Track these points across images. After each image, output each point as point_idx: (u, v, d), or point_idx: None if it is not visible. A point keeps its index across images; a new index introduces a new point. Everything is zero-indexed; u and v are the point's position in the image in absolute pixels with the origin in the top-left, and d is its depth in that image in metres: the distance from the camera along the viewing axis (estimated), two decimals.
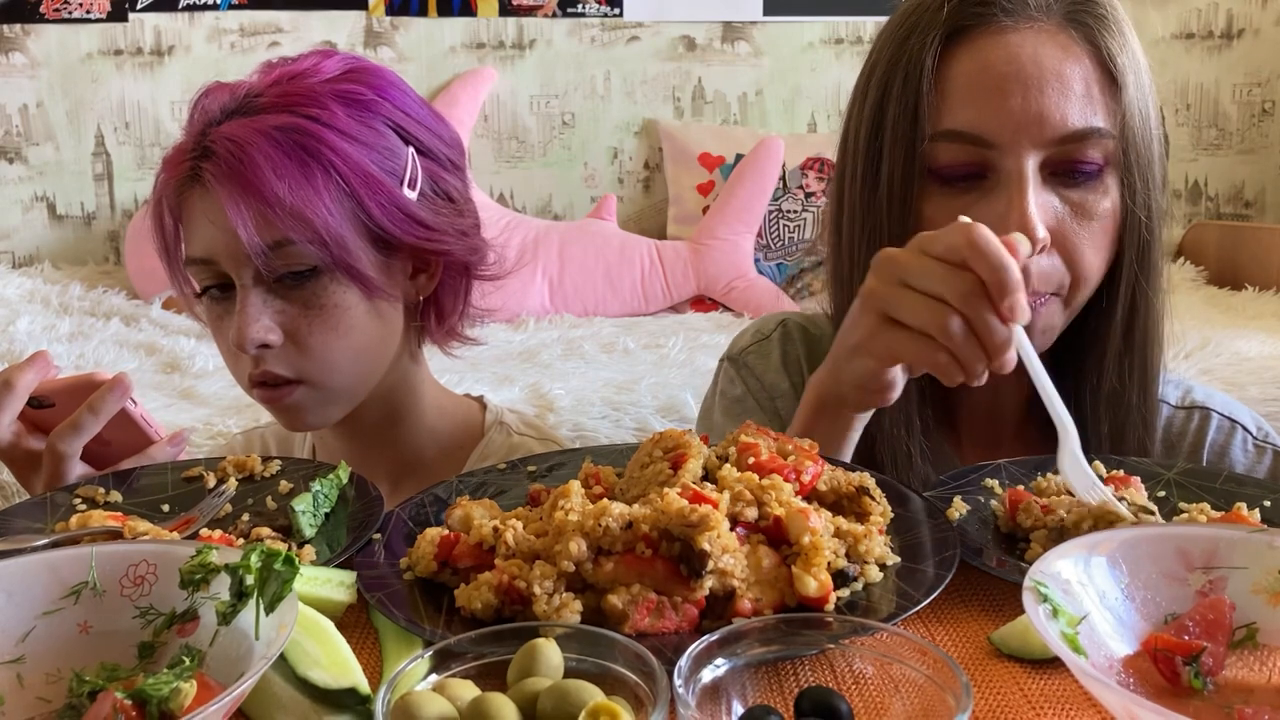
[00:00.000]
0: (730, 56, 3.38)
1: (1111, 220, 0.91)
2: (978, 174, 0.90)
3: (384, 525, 0.75)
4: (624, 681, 0.52)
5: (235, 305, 0.98)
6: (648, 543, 0.63)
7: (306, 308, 0.98)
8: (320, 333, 0.99)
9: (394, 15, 3.25)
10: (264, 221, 0.94)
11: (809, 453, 0.74)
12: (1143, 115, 0.90)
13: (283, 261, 0.96)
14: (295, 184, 0.94)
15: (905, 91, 0.91)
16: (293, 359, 0.99)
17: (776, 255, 3.11)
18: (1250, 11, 3.52)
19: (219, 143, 0.96)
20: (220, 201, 0.94)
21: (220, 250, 0.97)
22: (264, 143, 0.95)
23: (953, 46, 0.90)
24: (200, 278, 1.01)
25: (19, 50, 3.13)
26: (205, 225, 0.98)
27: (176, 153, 1.01)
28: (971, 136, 0.89)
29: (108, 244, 3.23)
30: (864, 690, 0.55)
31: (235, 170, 0.94)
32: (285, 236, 0.95)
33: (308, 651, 0.56)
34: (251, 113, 0.98)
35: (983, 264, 0.72)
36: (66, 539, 0.72)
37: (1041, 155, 0.88)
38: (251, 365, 0.99)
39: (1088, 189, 0.89)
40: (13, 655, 0.57)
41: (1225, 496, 0.78)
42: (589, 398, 2.05)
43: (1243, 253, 3.04)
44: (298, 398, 1.00)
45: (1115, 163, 0.90)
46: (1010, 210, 0.86)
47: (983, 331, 0.73)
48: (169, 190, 1.01)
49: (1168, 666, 0.55)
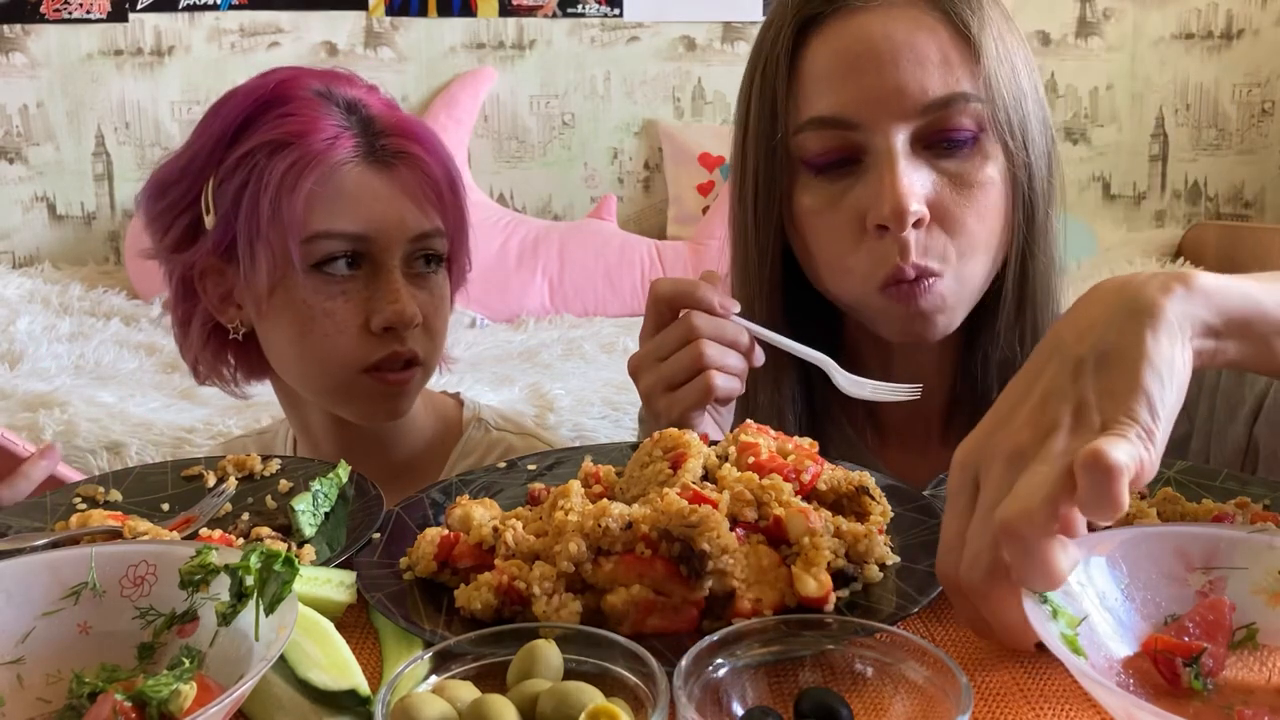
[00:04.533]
0: (730, 56, 3.38)
1: (997, 187, 0.89)
2: (849, 159, 0.89)
3: (384, 525, 0.75)
4: (624, 683, 0.52)
5: (363, 287, 1.01)
6: (647, 543, 0.63)
7: (430, 294, 1.05)
8: (440, 316, 1.07)
9: (394, 15, 3.26)
10: (440, 206, 1.04)
11: (809, 452, 0.74)
12: (1011, 80, 0.89)
13: (429, 250, 1.05)
14: (449, 170, 1.06)
15: (764, 86, 0.93)
16: (421, 340, 1.04)
17: None
18: (1250, 11, 3.52)
19: (391, 122, 1.04)
20: (416, 181, 1.02)
21: (378, 228, 1.00)
22: (422, 131, 1.06)
23: (807, 36, 0.91)
24: (328, 253, 0.99)
25: (19, 50, 3.13)
26: (369, 203, 1.00)
27: (324, 128, 0.99)
28: (833, 120, 0.88)
29: (108, 244, 3.23)
30: (864, 691, 0.54)
31: (436, 156, 1.04)
32: (439, 226, 1.05)
33: (308, 652, 0.56)
34: (391, 107, 1.07)
35: (688, 303, 0.86)
36: (66, 538, 0.72)
37: (908, 129, 0.87)
38: (393, 344, 1.01)
39: (964, 158, 0.88)
40: (13, 656, 0.57)
41: (1225, 496, 0.78)
42: (589, 398, 2.06)
43: (1243, 253, 3.04)
44: (417, 380, 1.05)
45: (990, 128, 0.88)
46: (881, 188, 0.86)
47: (719, 335, 0.84)
48: (314, 162, 0.98)
49: (1168, 667, 0.55)
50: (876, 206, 0.86)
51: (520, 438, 1.19)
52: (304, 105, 1.01)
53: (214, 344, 1.10)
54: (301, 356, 1.03)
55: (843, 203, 0.89)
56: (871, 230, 0.87)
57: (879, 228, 0.87)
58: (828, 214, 0.90)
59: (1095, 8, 3.48)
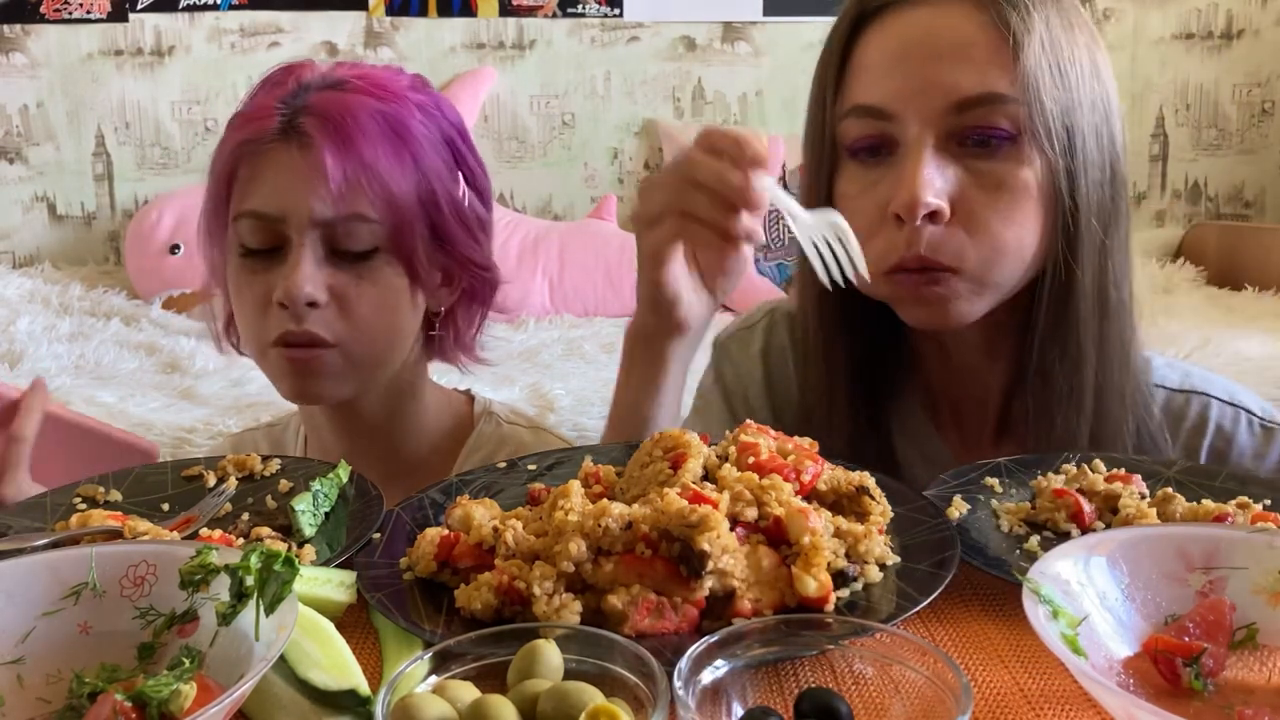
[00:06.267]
0: (730, 57, 3.38)
1: (1031, 193, 0.89)
2: (883, 147, 0.91)
3: (384, 525, 0.75)
4: (624, 683, 0.52)
5: (279, 264, 1.00)
6: (648, 543, 0.63)
7: (358, 279, 1.02)
8: (367, 302, 1.02)
9: (394, 15, 3.25)
10: (352, 187, 0.99)
11: (809, 452, 0.74)
12: (1057, 85, 0.88)
13: (348, 234, 1.00)
14: (388, 159, 1.01)
15: (822, 74, 0.96)
16: (332, 322, 1.01)
17: (776, 255, 3.12)
18: (1250, 12, 3.52)
19: (322, 104, 1.01)
20: (318, 157, 0.98)
21: (292, 206, 0.99)
22: (364, 115, 1.01)
23: (864, 28, 0.93)
24: (251, 234, 1.01)
25: (19, 50, 3.13)
26: (282, 180, 1.00)
27: (259, 108, 1.02)
28: (872, 109, 0.90)
29: (108, 244, 3.23)
30: (864, 691, 0.54)
31: (342, 131, 0.99)
32: (361, 212, 1.00)
33: (308, 653, 0.56)
34: (343, 90, 1.03)
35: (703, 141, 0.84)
36: (66, 538, 0.72)
37: (940, 124, 0.88)
38: (289, 323, 1.00)
39: (997, 159, 0.88)
40: (13, 656, 0.57)
41: (1226, 495, 0.78)
42: (589, 398, 2.06)
43: (1243, 253, 3.04)
44: (326, 361, 1.02)
45: (1028, 132, 0.88)
46: (902, 178, 0.87)
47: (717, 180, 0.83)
48: (244, 140, 1.01)
49: (1168, 668, 0.55)
50: (895, 196, 0.87)
51: (532, 432, 1.19)
52: (264, 89, 1.05)
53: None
54: (240, 330, 1.08)
55: (873, 190, 0.91)
56: (890, 219, 0.89)
57: (895, 217, 0.88)
58: (858, 199, 0.92)
59: (1095, 8, 3.48)
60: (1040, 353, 0.93)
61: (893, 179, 0.89)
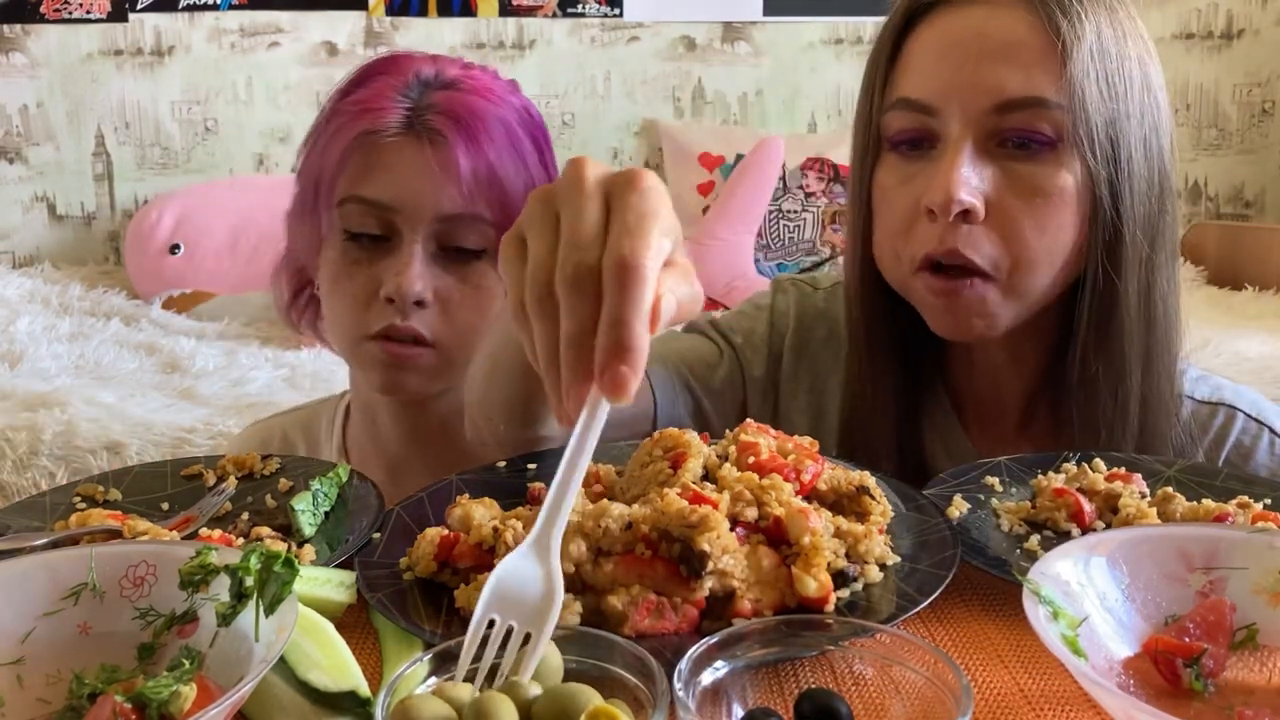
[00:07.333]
0: (730, 56, 3.38)
1: (1068, 201, 0.88)
2: (924, 141, 0.91)
3: (384, 525, 0.75)
4: (624, 684, 0.51)
5: (384, 256, 1.01)
6: (647, 543, 0.62)
7: (463, 282, 1.03)
8: (469, 306, 1.04)
9: (394, 15, 3.25)
10: (480, 186, 1.01)
11: (809, 452, 0.74)
12: (1103, 94, 0.88)
13: (465, 233, 1.02)
14: (508, 162, 1.03)
15: (872, 65, 0.96)
16: (434, 322, 1.02)
17: (776, 255, 3.11)
18: (1250, 11, 3.52)
19: (448, 102, 1.02)
20: (450, 154, 1.00)
21: (411, 198, 1.00)
22: (489, 118, 1.03)
23: (916, 23, 0.93)
24: (360, 219, 1.02)
25: (19, 50, 3.13)
26: (405, 172, 1.00)
27: (377, 97, 1.03)
28: (914, 103, 0.91)
29: (108, 244, 3.23)
30: (864, 692, 0.54)
31: (471, 131, 1.01)
32: (481, 212, 1.01)
33: (308, 653, 0.56)
34: (460, 90, 1.05)
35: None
36: (66, 538, 0.72)
37: (981, 123, 0.88)
38: (394, 317, 1.01)
39: (1036, 164, 0.88)
40: (13, 656, 0.57)
41: (1226, 495, 0.78)
42: None
43: (1243, 253, 3.04)
44: (422, 359, 1.03)
45: (1070, 139, 0.87)
46: (939, 174, 0.87)
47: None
48: (366, 131, 1.02)
49: (1168, 668, 0.55)
50: (931, 191, 0.87)
51: None
52: (380, 78, 1.05)
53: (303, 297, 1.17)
54: (329, 315, 1.08)
55: (910, 184, 0.91)
56: (923, 213, 0.89)
57: (929, 212, 0.88)
58: (895, 191, 0.92)
59: None
60: (1082, 365, 0.93)
61: (930, 174, 0.89)
